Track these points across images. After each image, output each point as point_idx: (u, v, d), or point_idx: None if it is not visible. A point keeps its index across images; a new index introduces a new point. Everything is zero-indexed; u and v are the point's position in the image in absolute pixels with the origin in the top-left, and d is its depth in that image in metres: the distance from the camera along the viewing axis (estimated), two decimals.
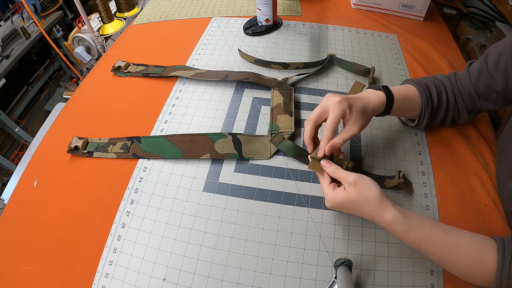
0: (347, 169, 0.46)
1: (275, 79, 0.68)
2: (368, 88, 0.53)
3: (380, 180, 0.52)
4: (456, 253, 0.39)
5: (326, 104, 0.47)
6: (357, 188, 0.42)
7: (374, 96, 0.50)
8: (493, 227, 0.49)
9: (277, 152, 0.57)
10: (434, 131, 0.61)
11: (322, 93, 0.67)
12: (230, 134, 0.58)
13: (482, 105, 0.54)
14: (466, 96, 0.54)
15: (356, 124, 0.47)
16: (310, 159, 0.48)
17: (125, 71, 0.74)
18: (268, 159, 0.56)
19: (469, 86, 0.53)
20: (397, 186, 0.51)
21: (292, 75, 0.68)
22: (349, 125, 0.47)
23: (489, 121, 0.65)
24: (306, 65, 0.72)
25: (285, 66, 0.72)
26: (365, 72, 0.69)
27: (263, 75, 0.69)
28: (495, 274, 0.37)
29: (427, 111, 0.54)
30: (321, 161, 0.47)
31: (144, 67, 0.74)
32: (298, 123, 0.61)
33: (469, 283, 0.42)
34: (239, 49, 0.76)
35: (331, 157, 0.48)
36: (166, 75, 0.70)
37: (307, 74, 0.69)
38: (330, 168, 0.45)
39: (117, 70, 0.74)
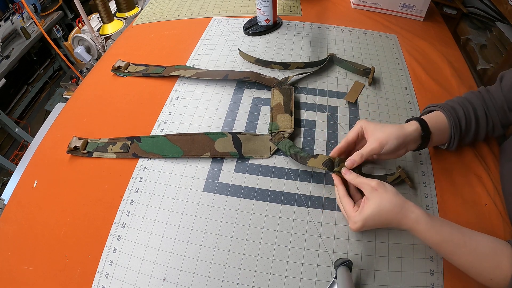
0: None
1: (275, 78, 0.68)
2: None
3: (382, 179, 0.52)
4: (474, 256, 0.39)
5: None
6: (379, 192, 0.43)
7: (407, 126, 0.50)
8: (493, 227, 0.49)
9: (277, 152, 0.57)
10: None
11: (322, 93, 0.67)
12: (230, 133, 0.58)
13: None
14: (499, 110, 0.53)
15: (374, 143, 0.48)
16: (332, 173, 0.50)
17: (125, 71, 0.74)
18: (268, 158, 0.56)
19: (501, 100, 0.53)
20: (399, 178, 0.51)
21: (292, 75, 0.68)
22: (368, 143, 0.49)
23: None
24: (307, 65, 0.72)
25: (285, 66, 0.72)
26: (365, 72, 0.69)
27: (263, 75, 0.69)
28: (510, 279, 0.37)
29: (456, 135, 0.52)
30: (342, 169, 0.48)
31: (144, 67, 0.74)
32: (298, 122, 0.61)
33: (469, 284, 0.42)
34: (239, 49, 0.76)
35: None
36: (166, 75, 0.70)
37: (307, 74, 0.69)
38: (351, 175, 0.47)
39: (117, 70, 0.74)
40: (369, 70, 0.69)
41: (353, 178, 0.46)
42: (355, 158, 0.48)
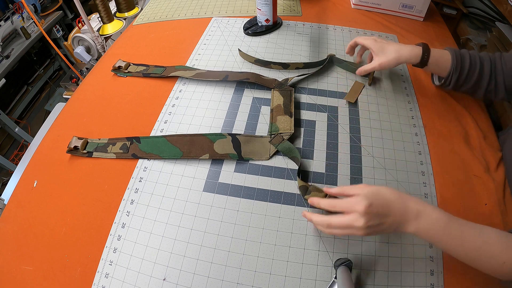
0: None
1: (276, 79, 0.68)
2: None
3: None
4: (485, 245, 0.39)
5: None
6: (371, 186, 0.41)
7: (409, 47, 0.59)
8: (493, 227, 0.49)
9: (276, 153, 0.57)
10: (434, 131, 0.61)
11: (322, 93, 0.67)
12: (230, 134, 0.58)
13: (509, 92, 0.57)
14: (507, 74, 0.56)
15: (377, 59, 0.59)
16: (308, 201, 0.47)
17: (126, 71, 0.74)
18: (267, 160, 0.56)
19: (500, 70, 0.57)
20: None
21: (292, 76, 0.68)
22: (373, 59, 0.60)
23: (490, 121, 0.65)
24: (306, 65, 0.72)
25: (285, 66, 0.72)
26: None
27: (263, 76, 0.69)
28: None
29: (455, 75, 0.58)
30: (310, 199, 0.46)
31: (145, 67, 0.74)
32: (298, 123, 0.61)
33: (469, 284, 0.42)
34: (239, 49, 0.76)
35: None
36: (166, 75, 0.70)
37: (307, 75, 0.69)
38: (333, 189, 0.45)
39: (117, 70, 0.74)
40: None
41: (336, 190, 0.44)
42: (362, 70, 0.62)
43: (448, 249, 0.40)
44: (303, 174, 0.54)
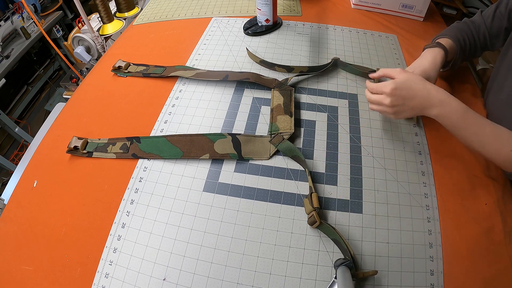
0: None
1: (276, 79, 0.68)
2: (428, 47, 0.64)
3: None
4: (496, 134, 0.48)
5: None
6: (406, 72, 0.52)
7: (431, 58, 0.61)
8: (493, 227, 0.49)
9: (276, 152, 0.57)
10: (434, 131, 0.61)
11: (322, 93, 0.67)
12: (230, 134, 0.58)
13: (493, 44, 0.65)
14: (481, 37, 0.65)
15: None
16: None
17: (126, 71, 0.74)
18: (268, 159, 0.56)
19: (483, 29, 0.65)
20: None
21: (292, 76, 0.68)
22: None
23: None
24: (311, 69, 0.70)
25: (289, 69, 0.70)
26: (371, 72, 0.68)
27: (263, 76, 0.69)
28: None
29: (460, 57, 0.66)
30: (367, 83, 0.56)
31: (145, 67, 0.74)
32: (298, 123, 0.61)
33: (469, 283, 0.42)
34: (247, 48, 0.76)
35: None
36: (166, 75, 0.70)
37: (307, 76, 0.69)
38: (376, 73, 0.57)
39: (117, 70, 0.74)
40: (374, 72, 0.68)
41: (380, 72, 0.56)
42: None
43: (464, 135, 0.49)
44: (303, 174, 0.54)
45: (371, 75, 0.59)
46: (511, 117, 0.51)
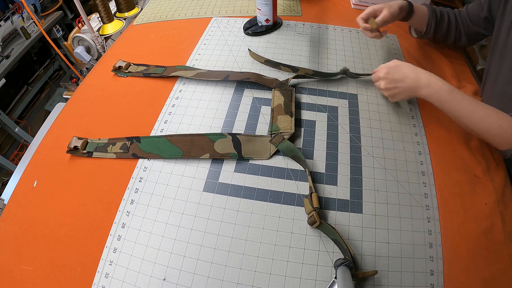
0: None
1: (276, 79, 0.68)
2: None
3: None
4: (485, 111, 0.51)
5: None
6: (396, 61, 0.60)
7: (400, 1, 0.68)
8: (493, 227, 0.49)
9: (277, 152, 0.57)
10: (434, 131, 0.61)
11: (322, 93, 0.67)
12: (230, 134, 0.58)
13: (475, 33, 0.70)
14: (464, 21, 0.71)
15: (386, 10, 0.66)
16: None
17: (126, 71, 0.74)
18: (268, 159, 0.56)
19: (464, 13, 0.71)
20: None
21: (292, 76, 0.68)
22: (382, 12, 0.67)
23: None
24: (316, 74, 0.68)
25: (294, 69, 0.69)
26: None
27: (264, 76, 0.69)
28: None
29: (433, 21, 0.71)
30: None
31: (145, 67, 0.74)
32: (299, 123, 0.61)
33: (469, 283, 0.42)
34: (249, 49, 0.76)
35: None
36: (167, 75, 0.70)
37: (309, 78, 0.68)
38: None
39: (118, 70, 0.74)
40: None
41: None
42: (377, 29, 0.68)
43: (454, 110, 0.53)
44: (303, 174, 0.54)
45: (373, 71, 0.64)
46: (507, 108, 0.52)
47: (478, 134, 0.54)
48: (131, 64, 0.76)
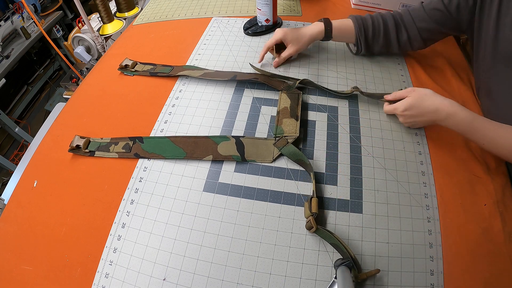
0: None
1: (284, 81, 0.68)
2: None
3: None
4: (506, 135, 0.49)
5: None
6: (417, 90, 0.55)
7: (313, 26, 0.67)
8: (493, 227, 0.49)
9: (280, 155, 0.56)
10: (435, 131, 0.61)
11: (322, 93, 0.67)
12: (234, 137, 0.58)
13: (439, 31, 0.65)
14: (421, 27, 0.65)
15: (292, 47, 0.67)
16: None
17: (132, 69, 0.74)
18: (271, 162, 0.56)
19: (422, 14, 0.64)
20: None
21: (300, 79, 0.66)
22: (288, 48, 0.68)
23: None
24: (325, 89, 0.66)
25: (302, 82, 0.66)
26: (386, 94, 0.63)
27: (272, 77, 0.68)
28: None
29: (361, 37, 0.67)
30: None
31: (152, 66, 0.74)
32: (304, 125, 0.60)
33: (469, 284, 0.42)
34: (250, 64, 0.72)
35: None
36: (174, 74, 0.70)
37: (316, 87, 0.67)
38: (390, 96, 0.60)
39: (124, 68, 0.74)
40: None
41: (393, 95, 0.59)
42: (278, 60, 0.70)
43: (475, 139, 0.52)
44: (303, 175, 0.54)
45: (386, 97, 0.61)
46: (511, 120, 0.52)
47: (501, 157, 0.53)
48: (138, 63, 0.76)
